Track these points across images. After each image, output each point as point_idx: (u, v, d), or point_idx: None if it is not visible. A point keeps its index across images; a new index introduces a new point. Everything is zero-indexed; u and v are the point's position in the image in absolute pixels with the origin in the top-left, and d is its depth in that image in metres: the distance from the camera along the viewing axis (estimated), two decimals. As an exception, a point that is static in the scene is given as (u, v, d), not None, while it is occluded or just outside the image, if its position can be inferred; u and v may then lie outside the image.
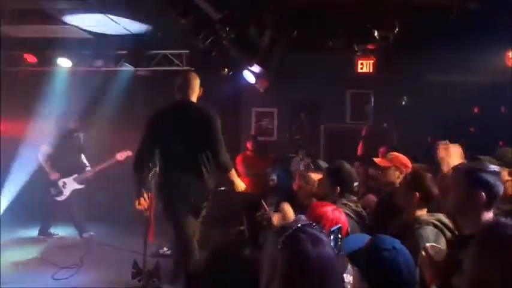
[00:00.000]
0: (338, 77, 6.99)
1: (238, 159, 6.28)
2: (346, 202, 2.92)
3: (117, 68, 6.70)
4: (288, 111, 7.72)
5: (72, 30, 5.85)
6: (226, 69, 6.15)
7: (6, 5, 4.77)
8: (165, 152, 3.43)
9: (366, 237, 1.68)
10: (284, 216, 2.63)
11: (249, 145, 6.51)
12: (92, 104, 6.66)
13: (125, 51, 6.59)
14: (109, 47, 6.54)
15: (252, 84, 6.51)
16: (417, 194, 2.36)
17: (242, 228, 6.18)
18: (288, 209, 2.70)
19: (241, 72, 5.96)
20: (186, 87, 3.51)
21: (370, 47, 4.77)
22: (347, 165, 3.11)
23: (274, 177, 5.41)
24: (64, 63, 6.54)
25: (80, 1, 4.80)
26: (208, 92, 6.33)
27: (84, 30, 5.85)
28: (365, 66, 6.46)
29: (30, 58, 6.62)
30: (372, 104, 7.77)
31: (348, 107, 7.78)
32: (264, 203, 2.91)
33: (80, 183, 6.00)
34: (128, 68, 6.54)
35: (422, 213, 2.36)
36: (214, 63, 5.90)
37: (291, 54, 5.86)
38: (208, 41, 4.60)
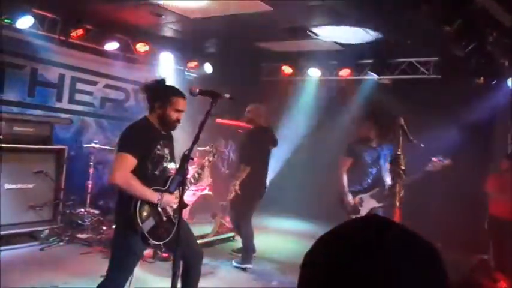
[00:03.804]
0: None
1: (490, 180, 5.52)
2: None
3: (361, 77, 6.91)
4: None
5: (323, 43, 6.36)
6: (482, 78, 5.49)
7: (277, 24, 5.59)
8: None
9: None
10: None
11: (504, 165, 5.62)
12: (333, 112, 7.10)
13: (369, 60, 6.74)
14: (353, 56, 6.83)
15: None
16: None
17: (486, 257, 5.43)
18: None
19: (503, 81, 5.20)
20: None
21: None
22: None
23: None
24: (314, 73, 7.19)
25: (334, 16, 5.17)
26: (458, 102, 5.85)
27: (335, 42, 6.25)
28: None
29: (287, 69, 7.52)
30: None
31: None
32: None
33: (378, 200, 4.87)
34: (371, 76, 6.66)
35: None
36: (466, 71, 5.38)
37: None
38: (470, 47, 4.20)
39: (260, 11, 5.14)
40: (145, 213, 2.80)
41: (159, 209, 2.86)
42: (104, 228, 5.53)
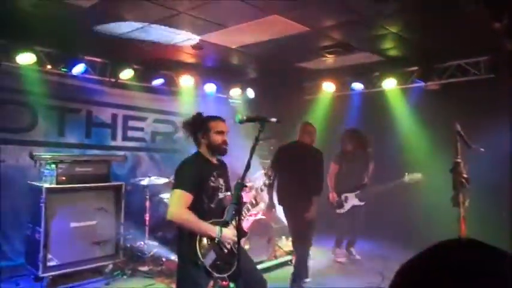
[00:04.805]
0: None
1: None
2: None
3: (407, 86, 6.70)
4: None
5: (364, 55, 6.26)
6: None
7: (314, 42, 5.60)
8: None
9: None
10: None
11: None
12: (382, 122, 6.92)
13: (414, 68, 6.54)
14: (397, 65, 6.65)
15: None
16: None
17: None
18: None
19: None
20: None
21: None
22: None
23: None
24: (357, 86, 7.08)
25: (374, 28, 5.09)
26: (509, 100, 5.50)
27: (379, 54, 6.14)
28: None
29: (329, 86, 7.46)
30: None
31: None
32: None
33: (360, 199, 6.14)
34: (418, 84, 6.45)
35: None
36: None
37: None
38: (524, 42, 3.96)
39: (298, 32, 5.18)
40: (205, 248, 2.82)
41: (220, 243, 2.88)
42: (164, 259, 5.64)
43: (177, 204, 2.80)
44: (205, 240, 2.83)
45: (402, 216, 6.45)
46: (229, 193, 3.08)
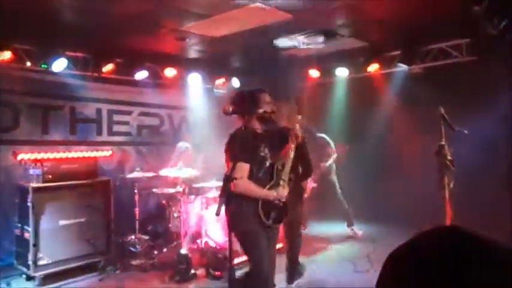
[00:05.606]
0: None
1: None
2: None
3: (391, 70, 6.74)
4: None
5: (348, 41, 6.27)
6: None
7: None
8: None
9: None
10: None
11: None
12: (367, 107, 6.97)
13: (397, 52, 6.58)
14: (380, 50, 6.68)
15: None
16: None
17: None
18: None
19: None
20: None
21: None
22: None
23: None
24: (342, 72, 7.09)
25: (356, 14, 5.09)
26: (498, 84, 5.58)
27: (362, 39, 6.15)
28: None
29: (314, 72, 7.47)
30: None
31: None
32: None
33: (314, 182, 6.39)
34: (401, 68, 6.49)
35: None
36: (502, 50, 5.13)
37: None
38: (503, 24, 4.02)
39: (280, 20, 5.16)
40: (266, 210, 3.17)
41: (276, 202, 3.23)
42: (156, 252, 5.65)
43: (239, 175, 2.99)
44: (266, 204, 3.15)
45: (387, 199, 6.59)
46: (272, 160, 3.28)
